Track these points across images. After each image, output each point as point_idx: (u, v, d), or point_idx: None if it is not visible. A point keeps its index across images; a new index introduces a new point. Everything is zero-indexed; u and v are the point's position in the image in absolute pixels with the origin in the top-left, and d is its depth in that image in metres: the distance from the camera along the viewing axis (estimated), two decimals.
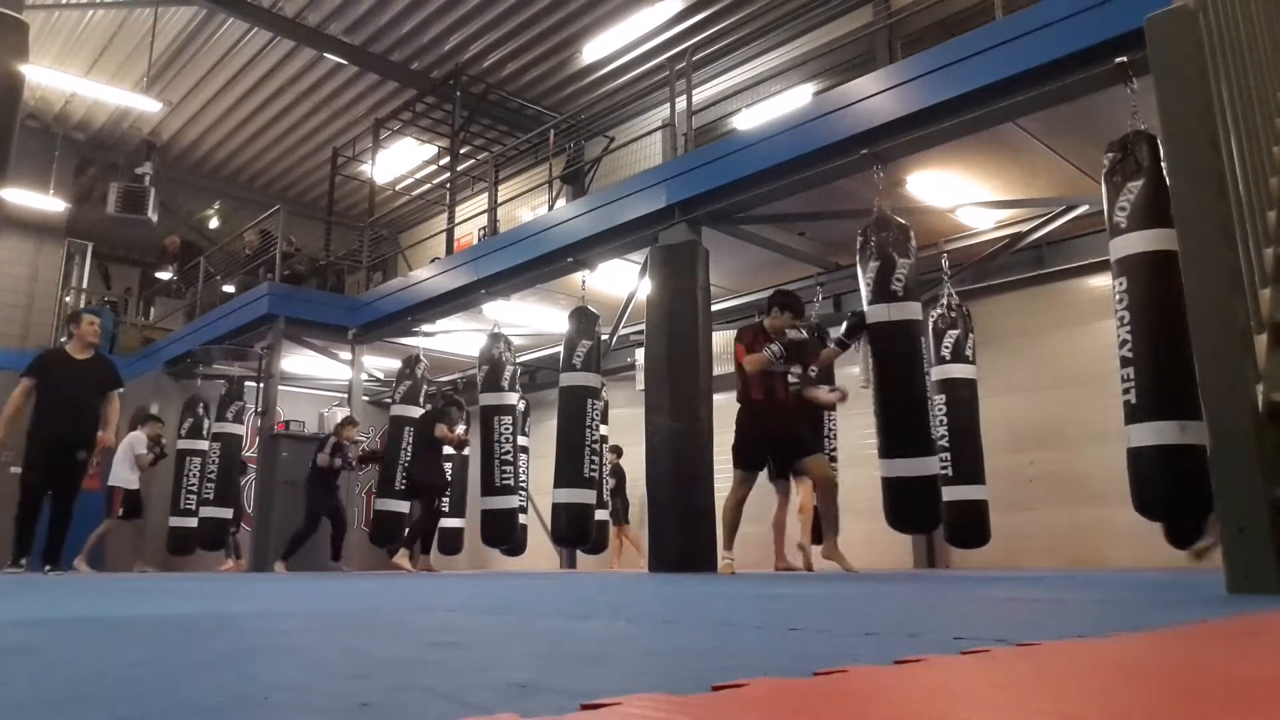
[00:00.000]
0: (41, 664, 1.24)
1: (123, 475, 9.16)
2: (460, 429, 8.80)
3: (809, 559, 6.78)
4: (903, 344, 5.55)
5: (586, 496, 7.23)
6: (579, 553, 10.24)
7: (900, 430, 5.48)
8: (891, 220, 5.74)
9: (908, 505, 5.50)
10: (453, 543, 10.70)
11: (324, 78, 12.02)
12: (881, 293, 5.56)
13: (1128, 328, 4.25)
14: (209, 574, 8.80)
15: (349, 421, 9.13)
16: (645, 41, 10.73)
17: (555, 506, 7.29)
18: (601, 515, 8.95)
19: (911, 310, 5.60)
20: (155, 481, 10.51)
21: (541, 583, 4.79)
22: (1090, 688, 0.88)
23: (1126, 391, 4.26)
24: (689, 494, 6.15)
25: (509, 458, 8.48)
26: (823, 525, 5.82)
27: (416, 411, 8.94)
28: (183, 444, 10.69)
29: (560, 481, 7.25)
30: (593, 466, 7.27)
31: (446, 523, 10.62)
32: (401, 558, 8.36)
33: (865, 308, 5.69)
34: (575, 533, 7.29)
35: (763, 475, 7.02)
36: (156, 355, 12.45)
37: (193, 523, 10.45)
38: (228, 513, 10.31)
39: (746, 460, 5.62)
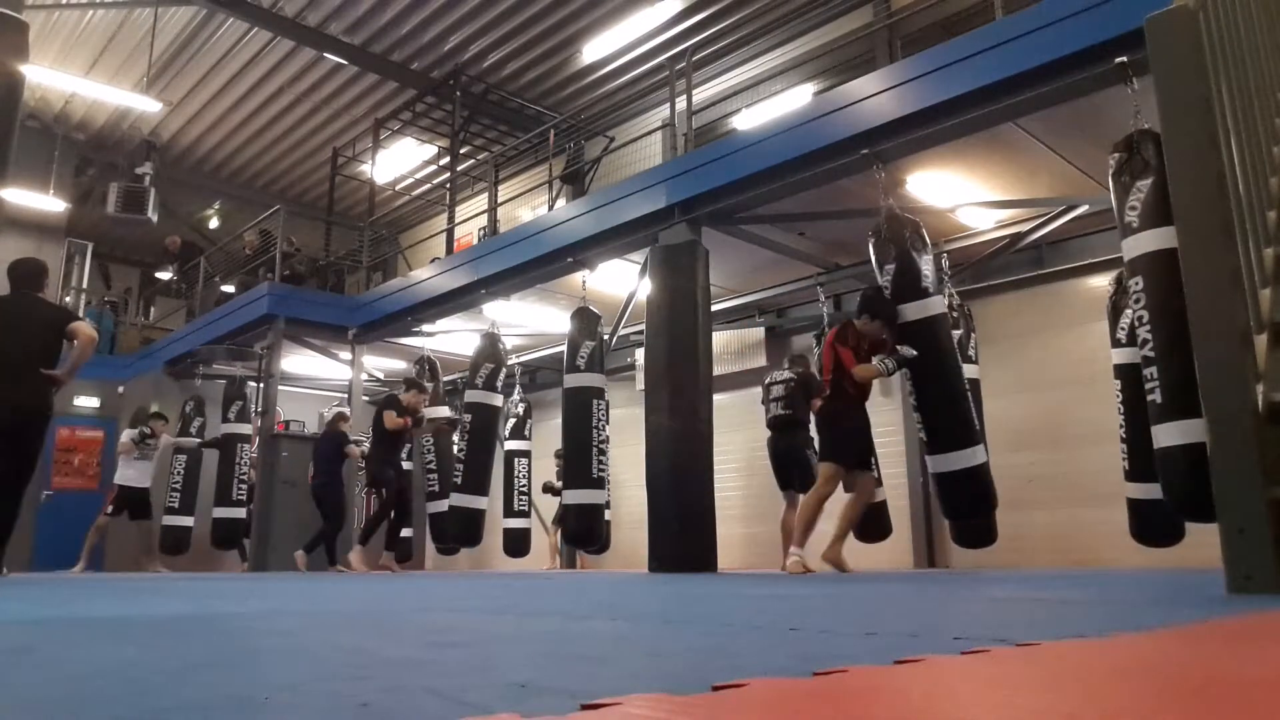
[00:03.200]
0: (41, 664, 1.24)
1: (121, 472, 9.17)
2: (423, 402, 8.68)
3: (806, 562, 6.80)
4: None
5: (596, 497, 7.21)
6: (578, 552, 10.26)
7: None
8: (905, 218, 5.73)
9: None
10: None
11: (324, 78, 12.02)
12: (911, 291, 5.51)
13: (1147, 327, 4.18)
14: (215, 574, 8.80)
15: (342, 417, 9.11)
16: (645, 41, 10.72)
17: (565, 508, 7.30)
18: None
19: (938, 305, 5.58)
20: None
21: (541, 583, 4.79)
22: (1090, 688, 0.88)
23: (1151, 392, 4.21)
24: (689, 494, 6.14)
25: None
26: (839, 528, 5.70)
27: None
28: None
29: (569, 483, 7.26)
30: (601, 467, 7.26)
31: None
32: (355, 555, 8.29)
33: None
34: (585, 533, 7.28)
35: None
36: (156, 355, 12.45)
37: (188, 521, 10.46)
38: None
39: (849, 454, 5.56)
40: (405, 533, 9.91)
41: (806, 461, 6.62)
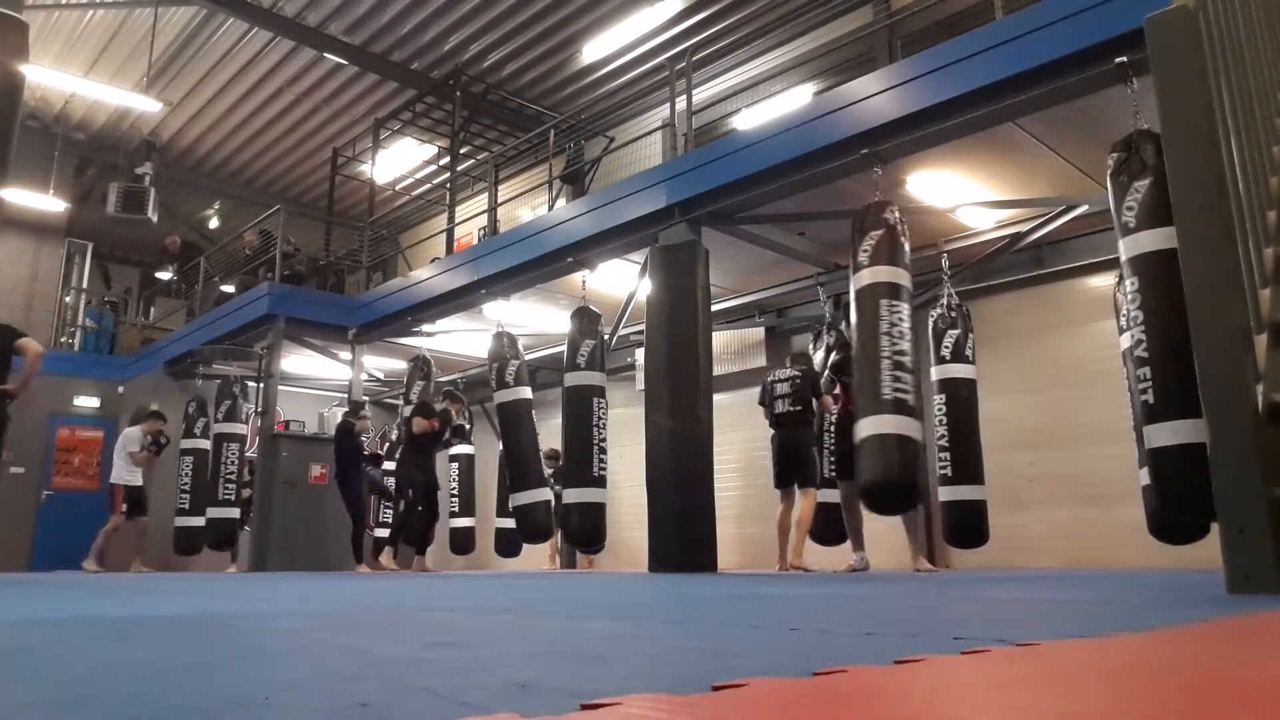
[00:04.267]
0: (41, 664, 1.24)
1: (120, 473, 9.18)
2: (451, 410, 8.73)
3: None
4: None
5: (598, 496, 7.19)
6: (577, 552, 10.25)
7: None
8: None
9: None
10: (463, 542, 10.70)
11: (324, 78, 12.02)
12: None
13: (1142, 327, 4.18)
14: (213, 575, 8.80)
15: (359, 406, 9.16)
16: (645, 41, 10.72)
17: (566, 507, 7.28)
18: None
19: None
20: (159, 481, 10.51)
21: (541, 583, 4.79)
22: (1090, 688, 0.88)
23: (1144, 392, 4.20)
24: (689, 494, 6.13)
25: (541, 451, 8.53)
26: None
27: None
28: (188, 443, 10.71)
29: (570, 482, 7.23)
30: (602, 466, 7.24)
31: (457, 522, 10.63)
32: (386, 557, 8.37)
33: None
34: (587, 533, 7.25)
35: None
36: (156, 355, 12.45)
37: (199, 521, 10.43)
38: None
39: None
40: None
41: (811, 459, 6.66)
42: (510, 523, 10.12)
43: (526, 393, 8.53)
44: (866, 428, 5.19)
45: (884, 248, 5.51)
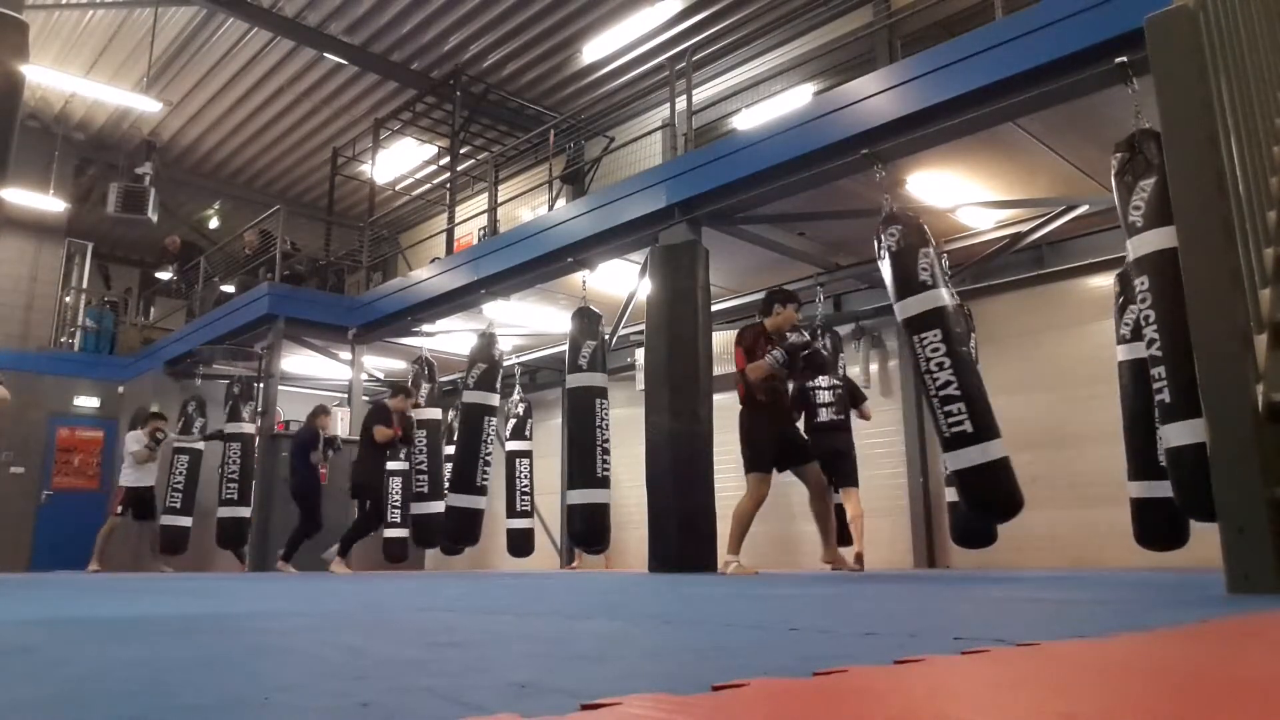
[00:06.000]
0: (41, 664, 1.24)
1: (125, 474, 9.23)
2: (409, 407, 8.68)
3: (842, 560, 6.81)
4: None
5: (601, 496, 7.20)
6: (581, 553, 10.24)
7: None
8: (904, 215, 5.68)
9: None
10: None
11: (324, 78, 12.02)
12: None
13: (1154, 326, 4.18)
14: (215, 574, 8.80)
15: (323, 410, 9.13)
16: (645, 41, 10.72)
17: (570, 508, 7.28)
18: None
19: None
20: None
21: (541, 583, 4.79)
22: (1090, 688, 0.88)
23: (1159, 391, 4.19)
24: (689, 494, 6.13)
25: (490, 459, 8.53)
26: (822, 531, 5.87)
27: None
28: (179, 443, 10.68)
29: (574, 483, 7.24)
30: (605, 466, 7.25)
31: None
32: (338, 564, 8.33)
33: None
34: (591, 533, 7.26)
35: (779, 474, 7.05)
36: (156, 355, 12.45)
37: (187, 521, 10.40)
38: None
39: (769, 462, 5.69)
40: (401, 532, 9.94)
41: (855, 460, 6.80)
42: (520, 523, 10.17)
43: (486, 399, 8.51)
44: None
45: (941, 269, 5.47)
